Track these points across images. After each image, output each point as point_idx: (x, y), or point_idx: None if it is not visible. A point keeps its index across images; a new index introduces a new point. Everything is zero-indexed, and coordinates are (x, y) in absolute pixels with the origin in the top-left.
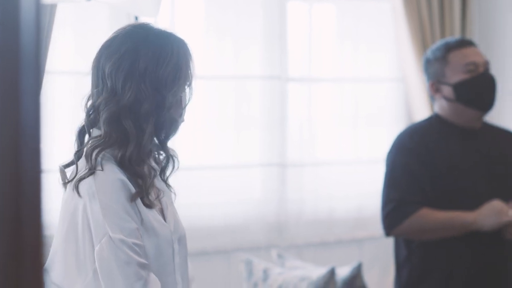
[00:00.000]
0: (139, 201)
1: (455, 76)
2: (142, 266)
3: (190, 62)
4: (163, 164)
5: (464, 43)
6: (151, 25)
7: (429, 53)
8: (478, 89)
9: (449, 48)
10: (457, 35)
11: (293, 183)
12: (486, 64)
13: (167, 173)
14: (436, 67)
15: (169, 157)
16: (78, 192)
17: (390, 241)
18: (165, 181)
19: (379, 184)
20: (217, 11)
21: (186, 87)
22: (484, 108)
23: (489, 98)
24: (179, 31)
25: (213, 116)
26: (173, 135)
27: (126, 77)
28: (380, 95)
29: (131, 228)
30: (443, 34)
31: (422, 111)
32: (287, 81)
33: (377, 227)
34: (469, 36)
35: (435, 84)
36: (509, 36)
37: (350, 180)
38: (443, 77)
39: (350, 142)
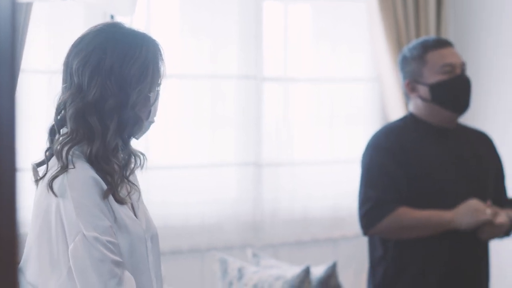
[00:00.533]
0: (111, 198)
1: (432, 76)
2: (117, 264)
3: (160, 63)
4: (123, 162)
5: (442, 43)
6: (123, 24)
7: (406, 51)
8: (454, 91)
9: (427, 48)
10: (432, 35)
11: (269, 183)
12: (462, 66)
13: (128, 171)
14: (413, 66)
15: (131, 155)
16: (52, 191)
17: (365, 241)
18: (127, 179)
19: (354, 184)
20: (192, 11)
21: (155, 87)
22: (460, 110)
23: (464, 100)
24: (155, 31)
25: (188, 115)
26: (138, 134)
27: (92, 73)
28: (356, 95)
29: (104, 226)
30: (418, 34)
31: (397, 110)
32: (262, 80)
33: (353, 226)
34: (444, 36)
35: (411, 83)
36: (484, 36)
37: (326, 180)
38: (420, 76)
39: (325, 141)
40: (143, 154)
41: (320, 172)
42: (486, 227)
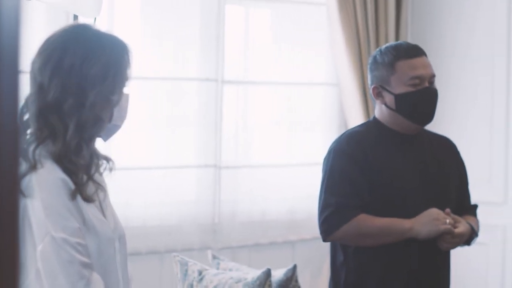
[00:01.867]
0: (79, 199)
1: (399, 87)
2: (85, 265)
3: (124, 65)
4: (86, 162)
5: (414, 52)
6: (90, 26)
7: (377, 54)
8: (420, 103)
9: (398, 56)
10: (391, 40)
11: (228, 185)
12: (431, 78)
13: (92, 171)
14: (382, 72)
15: (93, 156)
16: (21, 191)
17: (322, 244)
18: (91, 178)
19: (312, 187)
20: (155, 13)
21: (118, 90)
22: (423, 123)
23: (429, 113)
24: (117, 32)
25: (149, 117)
26: (104, 135)
27: (52, 73)
28: (315, 99)
29: (73, 227)
30: (377, 39)
31: (356, 115)
32: (223, 83)
33: (310, 229)
34: (403, 40)
35: (378, 88)
36: (441, 41)
37: (284, 183)
38: (387, 84)
39: (284, 145)
40: (109, 159)
41: (278, 175)
42: (446, 237)
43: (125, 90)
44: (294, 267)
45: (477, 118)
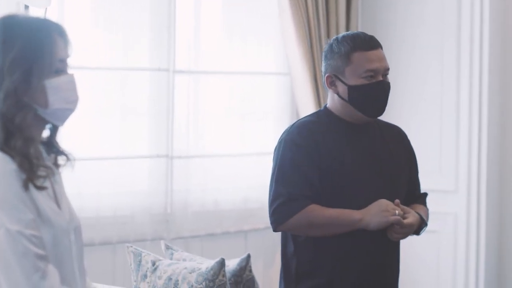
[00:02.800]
0: (33, 190)
1: (353, 78)
2: (40, 257)
3: (51, 46)
4: (25, 150)
5: (371, 44)
6: (19, 14)
7: (334, 42)
8: (372, 96)
9: (354, 47)
10: (342, 29)
11: (180, 175)
12: (385, 71)
13: (39, 160)
14: (337, 62)
15: (35, 143)
16: None
17: (275, 233)
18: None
19: (265, 177)
20: (105, 3)
21: (46, 72)
22: (374, 115)
23: (380, 106)
24: (68, 22)
25: (100, 107)
26: (43, 121)
27: None
28: (266, 88)
29: (28, 219)
30: (328, 28)
31: (307, 105)
32: (174, 73)
33: (263, 219)
34: (353, 30)
35: (332, 77)
36: (391, 30)
37: (236, 173)
38: (342, 74)
39: (236, 134)
40: (68, 154)
41: (231, 165)
42: (396, 227)
43: (65, 71)
44: (248, 256)
45: (427, 107)
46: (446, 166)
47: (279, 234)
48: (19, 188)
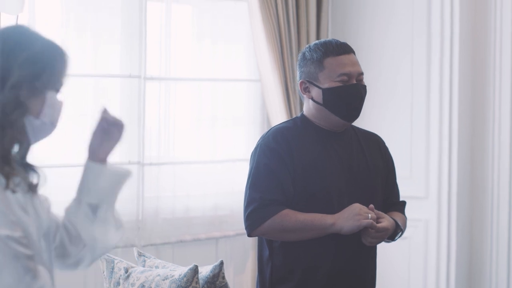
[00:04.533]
0: (9, 194)
1: (327, 82)
2: (30, 258)
3: (60, 65)
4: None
5: (343, 50)
6: (24, 26)
7: (306, 50)
8: (346, 99)
9: (327, 53)
10: (312, 35)
11: (151, 182)
12: (359, 75)
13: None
14: (310, 68)
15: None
16: None
17: (245, 240)
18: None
19: (235, 184)
20: (77, 10)
21: (50, 87)
22: (349, 119)
23: (355, 109)
24: (38, 28)
25: (70, 114)
26: (23, 126)
27: None
28: (237, 95)
29: (13, 220)
30: (298, 34)
31: (278, 111)
32: (145, 80)
33: (233, 225)
34: (323, 37)
35: (306, 83)
36: (360, 37)
37: (207, 179)
38: (315, 80)
39: (207, 141)
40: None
41: (201, 172)
42: (370, 232)
43: (59, 95)
44: (221, 263)
45: (397, 114)
46: (417, 173)
47: (249, 240)
48: (2, 190)
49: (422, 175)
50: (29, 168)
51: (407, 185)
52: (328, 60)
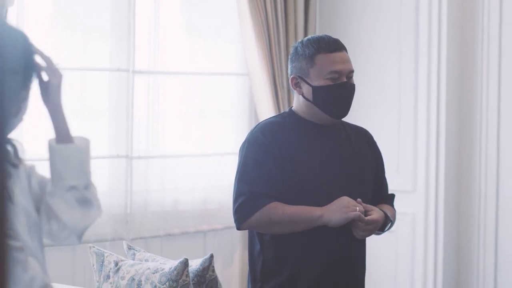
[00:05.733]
0: None
1: (317, 79)
2: (19, 250)
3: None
4: None
5: (334, 47)
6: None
7: (299, 45)
8: (336, 97)
9: (318, 49)
10: (300, 30)
11: (140, 175)
12: (350, 73)
13: None
14: (302, 64)
15: None
16: None
17: (233, 233)
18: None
19: (224, 177)
20: (66, 3)
21: (28, 83)
22: (338, 116)
23: (344, 107)
24: (28, 23)
25: None
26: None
27: None
28: (225, 89)
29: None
30: (286, 29)
31: (266, 105)
32: (134, 73)
33: (221, 219)
34: (311, 33)
35: (297, 79)
36: (348, 32)
37: (196, 173)
38: (306, 76)
39: (195, 135)
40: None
41: (190, 165)
42: (360, 224)
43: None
44: (211, 256)
45: (385, 108)
46: (404, 166)
47: (238, 234)
48: None
49: (409, 169)
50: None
51: (394, 179)
52: (319, 57)
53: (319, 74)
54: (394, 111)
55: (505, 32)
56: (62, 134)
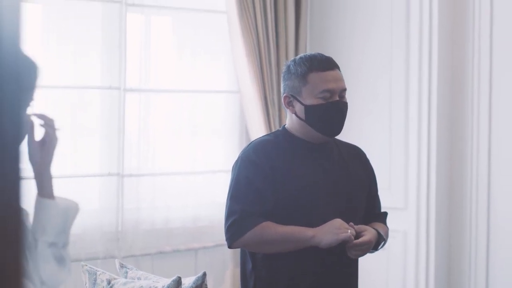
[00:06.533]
0: None
1: (310, 98)
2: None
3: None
4: None
5: (327, 65)
6: None
7: (291, 64)
8: (328, 116)
9: (311, 68)
10: (291, 47)
11: (131, 193)
12: (342, 92)
13: None
14: (294, 82)
15: None
16: None
17: (225, 251)
18: None
19: (215, 195)
20: (57, 21)
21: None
22: (331, 135)
23: (336, 126)
24: None
25: None
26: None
27: None
28: (216, 106)
29: None
30: (277, 46)
31: (257, 123)
32: (125, 91)
33: (213, 237)
34: (301, 49)
35: (289, 97)
36: (339, 49)
37: (187, 190)
38: (299, 94)
39: (187, 152)
40: None
41: (181, 183)
42: (353, 246)
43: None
44: (204, 274)
45: (376, 124)
46: (396, 184)
47: (229, 252)
48: None
49: (401, 186)
50: None
51: (386, 196)
52: (311, 76)
53: (311, 92)
54: (385, 128)
55: (496, 44)
56: (46, 192)
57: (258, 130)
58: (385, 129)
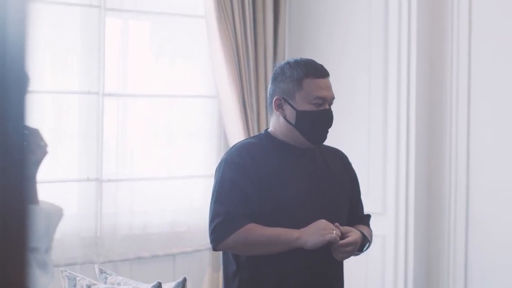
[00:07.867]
0: None
1: (302, 104)
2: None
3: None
4: None
5: (322, 73)
6: None
7: (285, 66)
8: (317, 124)
9: (307, 73)
10: (269, 52)
11: (109, 198)
12: (332, 100)
13: None
14: (289, 86)
15: None
16: None
17: (203, 256)
18: None
19: (193, 200)
20: (35, 25)
21: None
22: (317, 142)
23: (323, 134)
24: None
25: None
26: None
27: None
28: (194, 111)
29: None
30: (256, 51)
31: (235, 127)
32: (104, 96)
33: (191, 242)
34: (280, 53)
35: (280, 100)
36: (318, 54)
37: (165, 196)
38: (292, 99)
39: (164, 157)
40: None
41: (159, 188)
42: (338, 247)
43: None
44: (184, 280)
45: (354, 130)
46: (374, 188)
47: (207, 257)
48: None
49: (379, 190)
50: None
51: (364, 201)
52: (307, 81)
53: (305, 98)
54: (363, 132)
55: (474, 45)
56: (29, 197)
57: (237, 134)
58: (364, 133)
